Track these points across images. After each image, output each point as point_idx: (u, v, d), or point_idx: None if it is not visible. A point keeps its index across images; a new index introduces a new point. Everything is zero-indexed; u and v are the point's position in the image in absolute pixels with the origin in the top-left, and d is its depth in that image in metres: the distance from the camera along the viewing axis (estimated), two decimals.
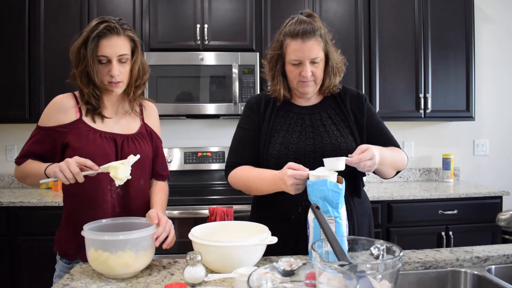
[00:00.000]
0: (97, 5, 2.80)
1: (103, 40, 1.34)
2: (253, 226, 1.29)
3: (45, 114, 1.43)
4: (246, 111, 1.56)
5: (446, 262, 1.25)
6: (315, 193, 1.14)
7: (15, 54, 2.75)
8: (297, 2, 2.89)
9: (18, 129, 3.09)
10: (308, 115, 1.50)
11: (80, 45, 1.37)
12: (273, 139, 1.46)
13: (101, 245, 1.12)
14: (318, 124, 1.47)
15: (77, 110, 1.41)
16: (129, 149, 1.41)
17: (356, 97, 1.54)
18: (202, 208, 2.50)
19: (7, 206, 2.46)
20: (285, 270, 0.76)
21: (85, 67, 1.36)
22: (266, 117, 1.50)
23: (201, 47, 2.84)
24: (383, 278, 0.79)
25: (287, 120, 1.49)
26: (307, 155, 1.42)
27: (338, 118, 1.49)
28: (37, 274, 2.46)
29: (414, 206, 2.71)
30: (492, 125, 3.46)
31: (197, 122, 3.19)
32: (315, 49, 1.40)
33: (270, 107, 1.51)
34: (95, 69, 1.36)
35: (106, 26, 1.35)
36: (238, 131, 1.55)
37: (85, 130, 1.38)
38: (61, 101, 1.43)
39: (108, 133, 1.41)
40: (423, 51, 3.00)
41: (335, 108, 1.52)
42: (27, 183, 1.42)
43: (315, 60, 1.41)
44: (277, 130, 1.48)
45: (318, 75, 1.44)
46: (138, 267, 1.16)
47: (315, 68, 1.42)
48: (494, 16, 3.42)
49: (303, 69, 1.40)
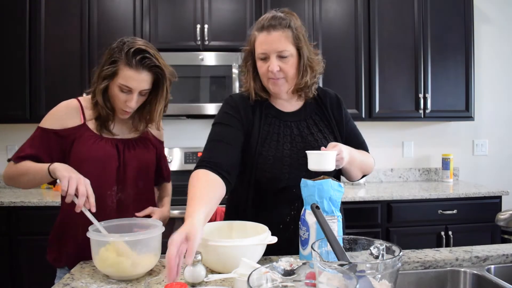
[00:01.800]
0: (97, 5, 2.80)
1: (133, 72, 1.31)
2: (253, 226, 1.30)
3: (50, 116, 1.40)
4: (224, 109, 1.42)
5: (445, 262, 1.25)
6: (321, 193, 1.14)
7: (15, 54, 2.75)
8: (297, 2, 2.90)
9: (18, 129, 3.09)
10: (294, 122, 1.43)
11: (109, 59, 1.33)
12: (264, 150, 1.36)
13: (115, 245, 1.12)
14: (307, 133, 1.42)
15: (82, 115, 1.41)
16: (130, 154, 1.42)
17: (335, 100, 1.50)
18: None
19: (8, 206, 2.46)
20: (285, 270, 0.76)
21: (108, 83, 1.35)
22: (255, 123, 1.39)
23: (201, 47, 2.84)
24: (382, 278, 0.79)
25: (275, 129, 1.40)
26: (300, 168, 1.35)
27: (323, 124, 1.45)
28: (37, 274, 2.46)
29: (413, 206, 2.71)
30: (491, 125, 3.46)
31: (197, 122, 3.20)
32: (281, 42, 1.31)
33: (258, 112, 1.41)
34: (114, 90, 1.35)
35: (140, 59, 1.30)
36: (217, 126, 1.40)
37: (88, 135, 1.38)
38: (67, 106, 1.41)
39: (110, 139, 1.41)
40: (422, 51, 3.01)
41: (318, 113, 1.47)
42: (20, 181, 1.35)
43: (283, 53, 1.31)
44: (267, 140, 1.38)
45: (288, 71, 1.34)
46: (148, 267, 1.16)
47: (284, 63, 1.33)
48: (493, 16, 3.42)
49: (270, 63, 1.32)
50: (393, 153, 3.40)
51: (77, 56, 2.78)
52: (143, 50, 1.31)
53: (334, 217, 1.14)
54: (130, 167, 1.43)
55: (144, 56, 1.31)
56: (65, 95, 2.73)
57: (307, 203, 1.18)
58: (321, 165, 1.23)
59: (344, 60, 2.95)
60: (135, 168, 1.44)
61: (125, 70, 1.30)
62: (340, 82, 2.92)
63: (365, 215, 2.66)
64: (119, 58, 1.31)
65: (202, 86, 2.82)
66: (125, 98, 1.34)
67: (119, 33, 2.79)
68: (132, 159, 1.43)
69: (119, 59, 1.31)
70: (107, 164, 1.37)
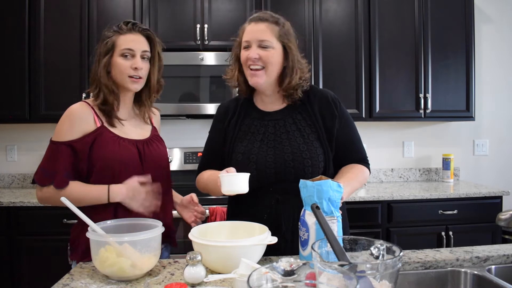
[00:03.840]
0: (97, 5, 2.80)
1: (128, 35, 1.40)
2: (253, 226, 1.29)
3: (66, 127, 1.36)
4: (214, 119, 1.58)
5: (446, 262, 1.25)
6: (320, 194, 1.14)
7: (15, 54, 2.75)
8: (297, 2, 2.89)
9: (18, 129, 3.09)
10: (272, 121, 1.44)
11: (105, 41, 1.41)
12: (236, 148, 1.44)
13: (116, 245, 1.11)
14: (282, 131, 1.42)
15: (96, 118, 1.40)
16: (150, 152, 1.45)
17: (325, 99, 1.46)
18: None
19: (7, 206, 2.46)
20: (285, 270, 0.76)
21: (110, 58, 1.40)
22: (231, 125, 1.48)
23: (201, 47, 2.84)
24: (383, 278, 0.79)
25: (251, 129, 1.45)
26: (267, 165, 1.37)
27: (304, 123, 1.43)
28: (37, 274, 2.46)
29: (414, 206, 2.71)
30: (492, 125, 3.46)
31: (197, 122, 3.19)
32: (265, 33, 1.36)
33: (237, 114, 1.49)
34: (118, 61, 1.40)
35: (131, 24, 1.42)
36: (208, 138, 1.59)
37: (109, 136, 1.39)
38: (80, 111, 1.39)
39: (129, 140, 1.43)
40: (423, 51, 3.00)
41: (302, 111, 1.45)
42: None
43: (264, 43, 1.36)
44: (240, 139, 1.45)
45: (267, 61, 1.36)
46: (148, 268, 1.16)
47: (265, 52, 1.36)
48: (494, 16, 3.42)
49: (250, 51, 1.37)
50: (394, 153, 3.40)
51: (77, 56, 2.78)
52: (130, 21, 1.44)
53: (333, 218, 1.13)
54: (151, 164, 1.45)
55: (133, 23, 1.44)
56: (64, 95, 2.76)
57: (306, 204, 1.17)
58: (233, 186, 1.24)
59: (344, 60, 2.94)
60: (155, 164, 1.47)
61: (121, 37, 1.40)
62: (340, 82, 2.92)
63: (365, 215, 2.66)
64: (113, 33, 1.41)
65: (202, 86, 2.82)
66: (130, 63, 1.39)
67: None
68: (151, 156, 1.46)
69: (113, 34, 1.41)
70: (131, 164, 1.40)
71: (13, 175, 3.12)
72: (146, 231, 1.16)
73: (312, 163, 1.37)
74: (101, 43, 1.42)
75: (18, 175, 3.12)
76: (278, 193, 1.37)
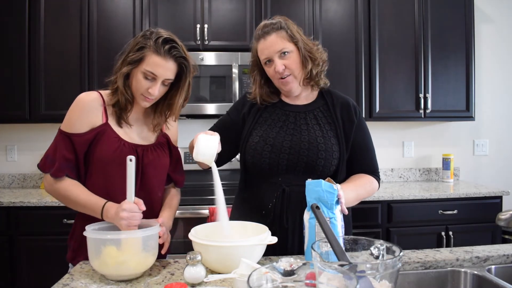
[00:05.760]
0: (97, 5, 2.80)
1: (160, 59, 1.30)
2: (253, 226, 1.29)
3: (74, 118, 1.33)
4: (237, 101, 1.62)
5: (446, 262, 1.25)
6: (310, 193, 1.15)
7: (15, 54, 2.75)
8: (297, 2, 2.89)
9: (18, 129, 3.09)
10: (293, 112, 1.50)
11: (135, 47, 1.32)
12: (255, 132, 1.48)
13: (115, 243, 1.12)
14: (302, 122, 1.47)
15: (104, 112, 1.36)
16: (148, 160, 1.40)
17: (346, 104, 1.51)
18: (202, 208, 2.50)
19: (7, 206, 2.46)
20: (285, 270, 0.76)
21: (133, 68, 1.33)
22: (252, 111, 1.52)
23: (201, 47, 2.84)
24: (383, 278, 0.79)
25: (272, 116, 1.50)
26: (283, 150, 1.41)
27: (325, 120, 1.48)
28: (37, 274, 2.46)
29: (414, 206, 2.71)
30: (492, 125, 3.46)
31: (197, 122, 3.19)
32: (278, 42, 1.40)
33: (259, 103, 1.53)
34: (138, 77, 1.33)
35: (169, 48, 1.31)
36: (225, 115, 1.62)
37: (111, 137, 1.35)
38: (89, 100, 1.35)
39: (130, 143, 1.38)
40: (423, 51, 3.00)
41: (324, 111, 1.50)
42: (67, 204, 1.34)
43: (283, 51, 1.40)
44: (260, 124, 1.49)
45: (293, 67, 1.42)
46: (146, 267, 1.16)
47: (287, 60, 1.41)
48: (494, 16, 3.42)
49: (275, 64, 1.41)
50: (393, 153, 3.40)
51: (77, 56, 2.77)
52: (171, 40, 1.33)
53: (327, 219, 1.13)
54: (146, 173, 1.41)
55: (172, 46, 1.32)
56: (64, 95, 2.76)
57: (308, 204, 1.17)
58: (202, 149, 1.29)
59: (344, 59, 2.94)
60: (150, 173, 1.42)
61: (153, 56, 1.30)
62: (340, 82, 2.92)
63: (365, 215, 2.66)
64: (147, 45, 1.30)
65: (202, 86, 2.82)
66: (148, 85, 1.32)
67: (118, 33, 2.79)
68: (149, 164, 1.41)
69: (146, 45, 1.30)
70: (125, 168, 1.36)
71: (13, 175, 3.12)
72: (144, 228, 1.17)
73: (326, 156, 1.39)
74: (134, 44, 1.33)
75: (18, 175, 3.12)
76: (285, 184, 1.40)
